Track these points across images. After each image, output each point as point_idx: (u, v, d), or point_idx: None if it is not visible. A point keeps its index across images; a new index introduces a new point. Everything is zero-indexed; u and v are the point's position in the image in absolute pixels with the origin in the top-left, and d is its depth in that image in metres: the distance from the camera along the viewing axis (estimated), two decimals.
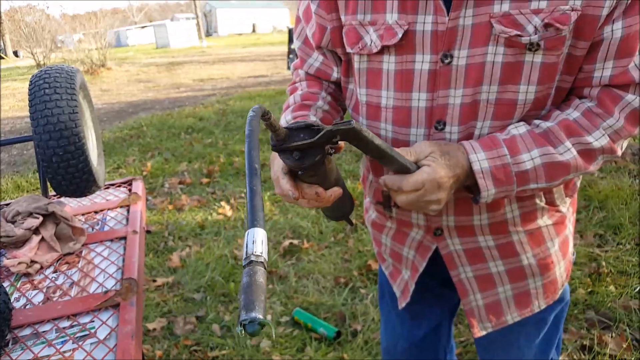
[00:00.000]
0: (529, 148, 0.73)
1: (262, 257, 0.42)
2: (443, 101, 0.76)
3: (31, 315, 0.89)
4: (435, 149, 0.73)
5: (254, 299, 0.38)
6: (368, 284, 2.37)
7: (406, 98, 0.78)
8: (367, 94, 0.83)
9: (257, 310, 0.37)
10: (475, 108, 0.75)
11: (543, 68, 0.71)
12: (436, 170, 0.71)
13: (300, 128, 0.65)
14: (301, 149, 0.64)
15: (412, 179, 0.71)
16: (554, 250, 0.90)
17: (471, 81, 0.73)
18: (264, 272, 0.41)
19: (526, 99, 0.73)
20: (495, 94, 0.73)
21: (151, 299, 2.38)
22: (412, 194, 0.72)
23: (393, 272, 1.04)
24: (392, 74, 0.78)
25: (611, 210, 2.78)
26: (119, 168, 4.49)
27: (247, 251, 0.42)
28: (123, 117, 7.03)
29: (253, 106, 0.58)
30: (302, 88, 0.93)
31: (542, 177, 0.74)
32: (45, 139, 1.12)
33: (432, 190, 0.71)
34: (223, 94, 8.47)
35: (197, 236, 3.05)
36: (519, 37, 0.68)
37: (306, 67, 0.94)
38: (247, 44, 24.13)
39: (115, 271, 1.05)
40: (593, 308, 2.03)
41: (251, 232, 0.43)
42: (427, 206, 0.74)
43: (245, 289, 0.39)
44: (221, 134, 5.45)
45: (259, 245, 0.42)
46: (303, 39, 0.93)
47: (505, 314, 0.93)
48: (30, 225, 1.09)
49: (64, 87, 1.19)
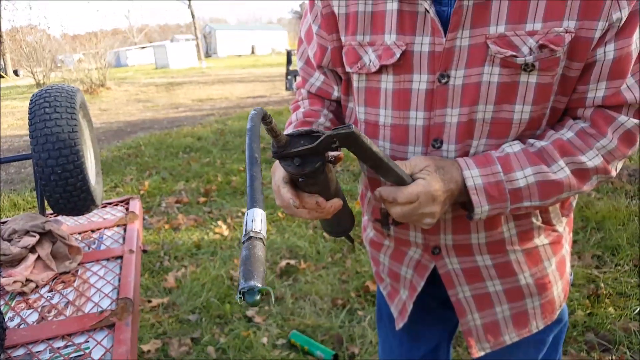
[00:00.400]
0: (523, 166, 0.74)
1: (261, 234, 0.43)
2: (440, 120, 0.77)
3: (25, 335, 0.88)
4: (430, 163, 0.74)
5: (253, 269, 0.39)
6: (366, 305, 2.35)
7: (404, 116, 0.79)
8: (365, 112, 0.84)
9: (256, 279, 0.38)
10: (471, 127, 0.76)
11: (538, 88, 0.72)
12: (431, 183, 0.72)
13: (301, 135, 0.66)
14: (301, 155, 0.65)
15: (406, 190, 0.72)
16: (551, 269, 0.90)
17: (467, 100, 0.74)
18: (262, 246, 0.42)
19: (521, 119, 0.74)
20: (491, 113, 0.74)
21: (146, 320, 2.35)
22: (407, 206, 0.73)
23: (391, 292, 1.03)
24: (390, 93, 0.79)
25: (609, 231, 2.78)
26: (116, 187, 4.49)
27: (247, 228, 0.44)
28: (121, 137, 7.05)
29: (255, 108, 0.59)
30: (305, 106, 0.95)
31: (536, 195, 0.75)
32: (45, 157, 1.12)
33: (427, 203, 0.72)
34: (222, 114, 8.52)
35: (193, 256, 3.03)
36: (514, 58, 0.70)
37: (308, 86, 0.96)
38: (246, 65, 24.39)
39: (111, 291, 1.04)
40: (592, 330, 2.02)
41: (251, 211, 0.45)
42: (421, 219, 0.74)
43: (245, 260, 0.40)
44: (219, 153, 5.46)
45: (258, 223, 0.44)
46: (305, 60, 0.95)
47: (503, 334, 0.92)
48: (26, 243, 1.08)
49: (64, 106, 1.20)
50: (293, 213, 0.74)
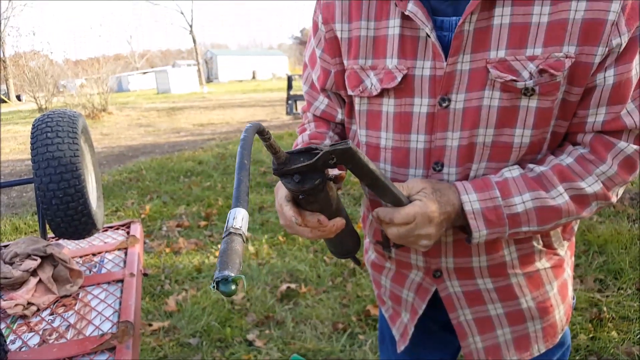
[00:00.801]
0: (521, 191, 0.75)
1: (241, 230, 0.45)
2: (441, 143, 0.78)
3: (26, 358, 0.88)
4: (427, 186, 0.75)
5: (228, 261, 0.40)
6: (367, 329, 2.33)
7: (405, 139, 0.81)
8: (367, 135, 0.86)
9: (230, 269, 0.40)
10: (471, 150, 0.77)
11: (538, 112, 0.73)
12: (427, 204, 0.72)
13: (300, 152, 0.67)
14: (301, 172, 0.66)
15: (403, 211, 0.73)
16: (552, 293, 0.90)
17: (468, 124, 0.75)
18: (241, 241, 0.44)
19: (522, 143, 0.75)
20: (491, 137, 0.75)
21: (147, 344, 2.33)
22: (403, 227, 0.73)
23: (393, 315, 1.03)
24: (391, 116, 0.81)
25: (611, 255, 2.78)
26: (117, 211, 4.49)
27: (228, 225, 0.45)
28: (123, 161, 7.09)
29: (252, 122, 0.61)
30: (311, 128, 0.97)
31: (534, 221, 0.75)
32: (46, 181, 1.14)
33: (423, 224, 0.72)
34: (222, 138, 8.58)
35: (193, 280, 3.01)
36: (515, 82, 0.71)
37: (313, 109, 0.98)
38: (247, 90, 24.66)
39: (111, 314, 1.04)
40: (595, 354, 2.00)
41: (233, 210, 0.47)
42: (417, 241, 0.75)
43: (222, 253, 0.42)
44: (220, 177, 5.49)
45: (239, 221, 0.46)
46: (310, 84, 0.97)
47: (505, 356, 0.92)
48: (28, 267, 1.09)
49: (66, 131, 1.21)
50: (295, 232, 0.75)
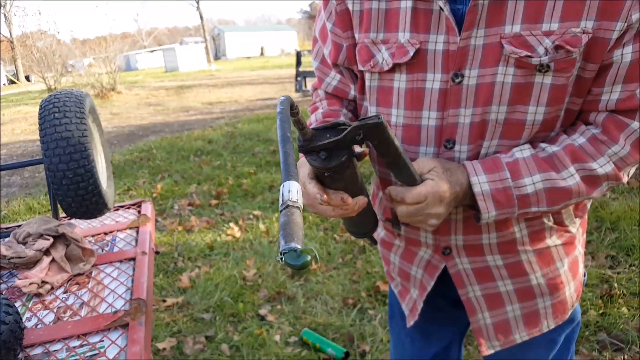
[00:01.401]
0: (532, 172, 0.74)
1: (298, 203, 0.44)
2: (453, 120, 0.76)
3: (42, 335, 0.90)
4: (437, 165, 0.74)
5: (292, 232, 0.39)
6: (376, 305, 2.36)
7: (416, 116, 0.79)
8: (377, 112, 0.84)
9: (297, 241, 0.39)
10: (483, 127, 0.76)
11: (552, 89, 0.71)
12: (439, 184, 0.72)
13: (327, 128, 0.66)
14: (327, 149, 0.65)
15: (415, 191, 0.72)
16: (563, 270, 0.90)
17: (481, 101, 0.74)
18: (300, 214, 0.43)
19: (534, 120, 0.74)
20: (504, 114, 0.74)
21: (161, 319, 2.38)
22: (413, 206, 0.73)
23: (402, 291, 1.03)
24: (402, 92, 0.79)
25: (623, 232, 2.75)
26: (129, 190, 4.54)
27: (284, 198, 0.44)
28: (133, 140, 7.13)
29: (284, 95, 0.60)
30: (323, 106, 0.95)
31: (544, 201, 0.75)
32: (56, 161, 1.14)
33: (434, 204, 0.72)
34: (231, 116, 8.57)
35: (206, 257, 3.06)
36: (529, 58, 0.69)
37: (324, 85, 0.96)
38: (255, 67, 24.48)
39: (124, 292, 1.06)
40: (605, 330, 2.00)
41: (287, 183, 0.45)
42: (426, 220, 0.75)
43: (284, 225, 0.41)
44: (230, 156, 5.50)
45: (295, 194, 0.44)
46: (320, 59, 0.95)
47: (514, 332, 0.92)
48: (41, 246, 1.10)
49: (73, 111, 1.21)
50: (317, 211, 0.74)
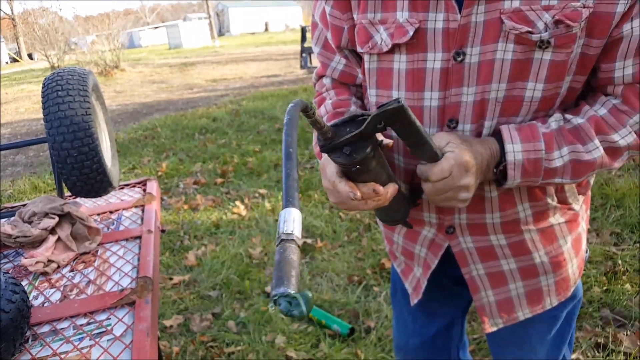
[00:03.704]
0: (560, 145, 0.73)
1: (293, 235, 0.43)
2: (455, 99, 0.75)
3: (49, 313, 0.92)
4: (454, 137, 0.73)
5: (283, 275, 0.39)
6: (381, 282, 2.37)
7: (418, 98, 0.78)
8: (377, 95, 0.83)
9: (287, 285, 0.38)
10: (484, 106, 0.75)
11: (551, 66, 0.70)
12: (460, 154, 0.70)
13: (345, 122, 0.64)
14: (350, 143, 0.63)
15: (437, 167, 0.71)
16: (566, 248, 0.90)
17: (482, 79, 0.73)
18: (294, 248, 0.42)
19: (533, 97, 0.73)
20: (503, 92, 0.73)
21: (168, 297, 2.42)
22: (440, 182, 0.71)
23: (405, 270, 1.04)
24: (403, 74, 0.78)
25: (628, 209, 2.74)
26: (134, 168, 4.55)
27: (279, 230, 0.43)
28: (137, 118, 7.12)
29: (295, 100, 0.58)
30: (331, 97, 0.93)
31: (568, 174, 0.75)
32: (59, 140, 1.14)
33: (460, 175, 0.70)
34: (236, 94, 8.52)
35: (212, 235, 3.08)
36: (530, 34, 0.68)
37: (329, 72, 0.93)
38: (259, 43, 24.21)
39: (130, 270, 1.07)
40: (608, 306, 2.01)
41: (284, 212, 0.45)
42: (456, 194, 0.73)
43: (276, 266, 0.40)
44: (234, 134, 5.48)
45: (290, 224, 0.44)
46: (322, 44, 0.92)
47: (517, 310, 0.93)
48: (46, 225, 1.11)
49: (76, 89, 1.21)
50: (349, 207, 0.73)
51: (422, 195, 0.85)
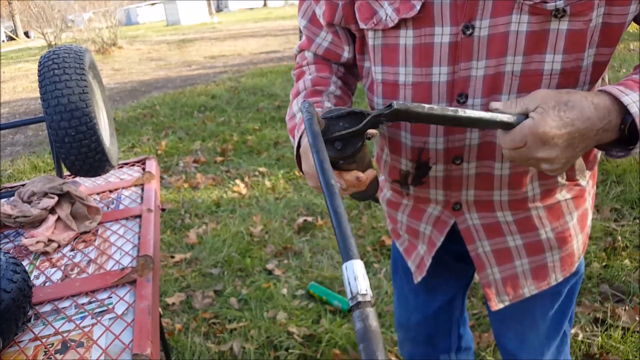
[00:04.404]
0: None
1: (368, 296, 0.38)
2: (465, 74, 0.74)
3: (51, 292, 0.92)
4: (550, 98, 0.64)
5: (375, 349, 0.35)
6: (381, 259, 2.39)
7: (426, 73, 0.76)
8: (382, 72, 0.81)
9: None
10: (499, 80, 0.73)
11: (569, 35, 0.68)
12: (538, 124, 0.62)
13: (339, 116, 0.63)
14: (343, 139, 0.62)
15: (508, 137, 0.65)
16: (572, 223, 0.89)
17: (494, 52, 0.71)
18: (373, 313, 0.37)
19: (552, 69, 0.70)
20: (520, 65, 0.71)
21: (170, 275, 2.44)
22: (514, 151, 0.66)
23: (408, 248, 1.04)
24: (410, 49, 0.76)
25: (628, 185, 2.74)
26: (133, 147, 4.54)
27: (352, 290, 0.38)
28: (136, 97, 7.06)
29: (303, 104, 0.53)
30: (311, 72, 0.91)
31: None
32: (57, 119, 1.13)
33: (536, 146, 0.63)
34: (235, 71, 8.43)
35: (213, 214, 3.08)
36: (544, 4, 0.65)
37: (314, 47, 0.91)
38: (258, 18, 23.82)
39: (131, 249, 1.07)
40: (607, 282, 2.02)
41: (349, 266, 0.39)
42: (538, 165, 0.67)
43: (362, 337, 0.36)
44: (234, 112, 5.45)
45: (362, 281, 0.39)
46: (309, 18, 0.89)
47: (523, 287, 0.93)
48: (46, 205, 1.11)
49: (73, 67, 1.19)
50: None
51: (428, 174, 0.85)
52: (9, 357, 0.78)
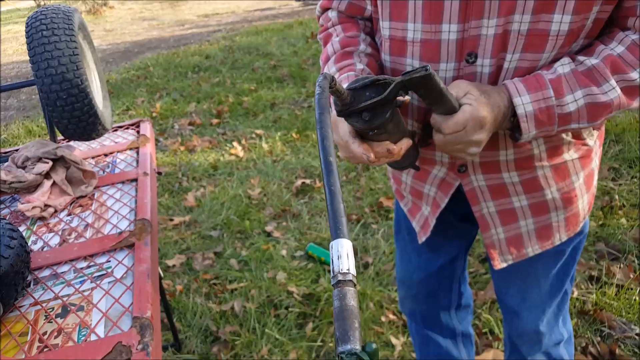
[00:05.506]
0: (573, 89, 0.70)
1: (350, 275, 0.38)
2: (475, 32, 0.71)
3: (49, 257, 0.92)
4: (473, 88, 0.70)
5: (347, 328, 0.35)
6: (379, 219, 2.40)
7: (435, 30, 0.74)
8: (390, 27, 0.78)
9: (353, 341, 0.35)
10: (505, 39, 0.71)
11: None
12: (478, 109, 0.68)
13: (365, 86, 0.60)
14: (370, 109, 0.60)
15: (452, 120, 0.69)
16: (578, 184, 0.89)
17: (504, 10, 0.68)
18: (353, 292, 0.37)
19: (559, 30, 0.69)
20: (527, 24, 0.69)
21: (169, 237, 2.45)
22: (452, 135, 0.70)
23: (412, 209, 1.03)
24: (419, 4, 0.73)
25: (627, 144, 2.72)
26: (128, 110, 4.48)
27: (334, 268, 0.38)
28: (129, 58, 6.91)
29: (318, 78, 0.50)
30: (338, 33, 0.88)
31: (584, 117, 0.72)
32: (48, 82, 1.10)
33: (473, 130, 0.69)
34: (229, 29, 8.23)
35: (210, 177, 3.08)
36: None
37: (336, 4, 0.89)
38: None
39: (128, 212, 1.06)
40: (603, 240, 2.04)
41: (335, 244, 0.39)
42: (465, 148, 0.72)
43: (337, 315, 0.36)
44: (228, 72, 5.35)
45: (345, 260, 0.38)
46: None
47: (526, 246, 0.93)
48: (40, 170, 1.09)
49: (62, 28, 1.15)
50: (361, 163, 0.72)
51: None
52: (10, 321, 0.78)
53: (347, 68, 0.82)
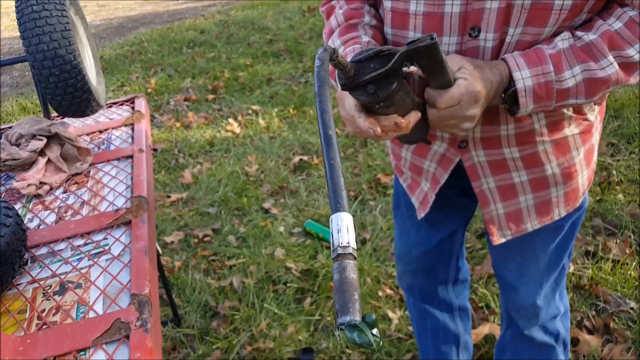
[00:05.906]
0: (572, 64, 0.70)
1: (350, 248, 0.38)
2: (479, 5, 0.70)
3: (46, 235, 0.91)
4: (466, 62, 0.69)
5: (347, 300, 0.36)
6: (377, 196, 2.40)
7: (438, 3, 0.72)
8: (393, 0, 0.77)
9: (352, 313, 0.35)
10: (509, 12, 0.70)
11: None
12: (473, 84, 0.67)
13: (369, 58, 0.59)
14: (375, 81, 0.59)
15: (447, 94, 0.68)
16: (578, 159, 0.89)
17: None
18: (353, 265, 0.37)
19: (563, 4, 0.68)
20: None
21: (167, 214, 2.45)
22: (446, 110, 0.69)
23: (411, 184, 1.03)
24: None
25: (626, 119, 2.71)
26: (123, 86, 4.42)
27: (334, 242, 0.38)
28: (123, 33, 6.79)
29: (318, 51, 0.49)
30: (341, 6, 0.86)
31: (582, 93, 0.72)
32: (40, 58, 1.08)
33: (468, 105, 0.68)
34: (224, 3, 8.07)
35: (207, 153, 3.06)
36: None
37: None
38: None
39: (124, 189, 1.05)
40: (600, 216, 2.05)
41: (335, 218, 0.38)
42: (459, 123, 0.71)
43: (337, 288, 0.36)
44: (224, 47, 5.26)
45: (345, 234, 0.38)
46: None
47: (525, 222, 0.93)
48: (34, 147, 1.08)
49: (52, 3, 1.12)
50: (368, 138, 0.71)
51: None
52: (8, 299, 0.78)
53: (352, 41, 0.80)
